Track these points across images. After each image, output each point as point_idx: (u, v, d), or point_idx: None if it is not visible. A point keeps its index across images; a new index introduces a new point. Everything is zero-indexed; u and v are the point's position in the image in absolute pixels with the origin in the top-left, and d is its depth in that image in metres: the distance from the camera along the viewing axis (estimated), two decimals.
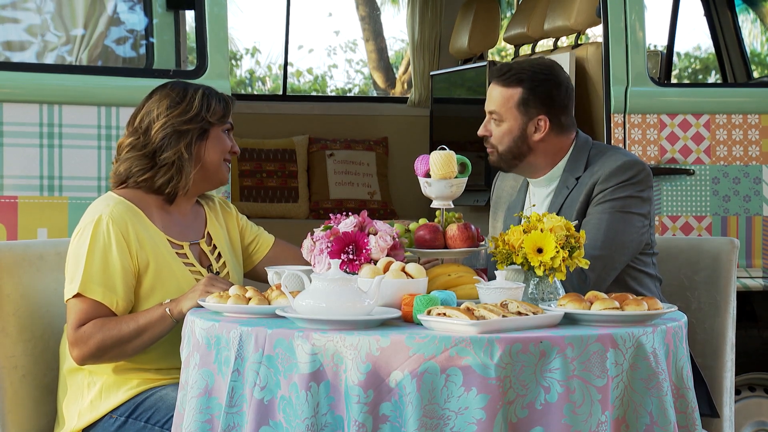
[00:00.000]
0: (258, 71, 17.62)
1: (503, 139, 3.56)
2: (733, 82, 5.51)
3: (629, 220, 3.47)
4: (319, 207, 6.44)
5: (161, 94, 3.34)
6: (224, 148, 3.37)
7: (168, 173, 3.29)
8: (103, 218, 3.21)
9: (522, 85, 3.54)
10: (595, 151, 3.59)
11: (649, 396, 2.72)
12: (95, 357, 3.17)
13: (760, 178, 4.47)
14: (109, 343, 3.15)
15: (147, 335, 3.16)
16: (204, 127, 3.32)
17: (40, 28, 4.30)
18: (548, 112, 3.54)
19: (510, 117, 3.54)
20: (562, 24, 5.12)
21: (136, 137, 3.31)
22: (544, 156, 3.58)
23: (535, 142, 3.55)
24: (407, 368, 2.58)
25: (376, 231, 3.08)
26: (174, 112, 3.30)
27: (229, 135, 3.40)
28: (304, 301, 2.75)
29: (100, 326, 3.15)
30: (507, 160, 3.58)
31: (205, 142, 3.33)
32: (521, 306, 2.77)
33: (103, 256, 3.19)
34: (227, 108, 3.38)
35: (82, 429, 3.25)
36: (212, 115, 3.33)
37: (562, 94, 3.58)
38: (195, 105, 3.32)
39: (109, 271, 3.18)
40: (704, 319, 3.74)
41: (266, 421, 2.67)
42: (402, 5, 16.11)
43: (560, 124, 3.57)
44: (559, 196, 3.55)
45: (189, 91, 3.34)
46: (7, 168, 3.92)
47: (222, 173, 3.39)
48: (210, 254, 3.40)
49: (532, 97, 3.53)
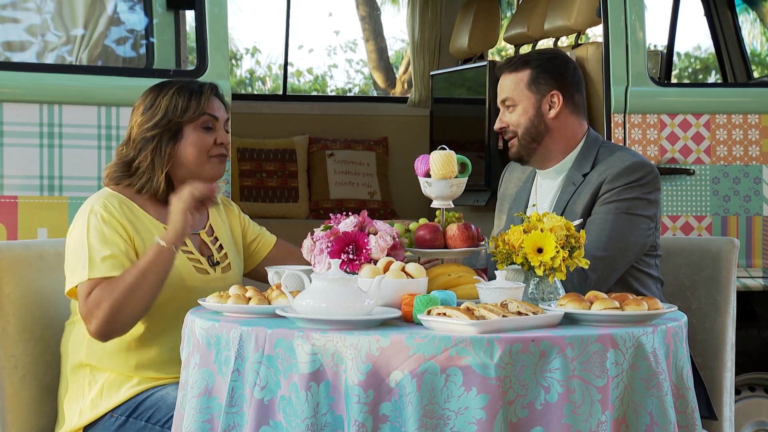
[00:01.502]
0: (258, 71, 17.62)
1: (520, 122, 3.57)
2: (734, 82, 5.51)
3: (634, 222, 3.46)
4: (320, 207, 6.45)
5: (139, 101, 3.37)
6: (202, 145, 3.34)
7: (142, 177, 3.31)
8: (96, 208, 3.24)
9: (530, 66, 3.58)
10: (605, 149, 3.59)
11: (649, 396, 2.72)
12: (112, 321, 3.13)
13: (760, 178, 4.47)
14: (119, 298, 3.12)
15: (152, 275, 3.13)
16: (173, 128, 3.31)
17: (41, 28, 4.30)
18: (560, 87, 3.57)
19: (523, 98, 3.57)
20: (562, 24, 5.12)
21: (123, 146, 3.36)
22: (560, 138, 3.58)
23: (551, 120, 3.56)
24: (407, 368, 2.58)
25: (376, 231, 3.09)
26: (143, 119, 3.32)
27: (213, 128, 3.36)
28: (304, 300, 2.75)
29: (105, 288, 3.14)
30: (526, 145, 3.58)
31: (179, 143, 3.32)
32: (521, 306, 2.77)
33: (101, 239, 3.19)
34: (200, 104, 3.33)
35: (83, 427, 3.25)
36: (181, 114, 3.32)
37: (571, 71, 3.62)
38: (161, 108, 3.31)
39: (109, 248, 3.18)
40: (704, 319, 3.74)
41: (266, 421, 2.67)
42: (402, 5, 16.12)
43: (573, 102, 3.59)
44: (565, 192, 3.56)
45: (161, 93, 3.34)
46: (7, 168, 3.92)
47: (209, 169, 3.35)
48: (211, 244, 3.40)
49: (541, 74, 3.56)
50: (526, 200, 3.69)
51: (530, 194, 3.69)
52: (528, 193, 3.69)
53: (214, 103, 3.37)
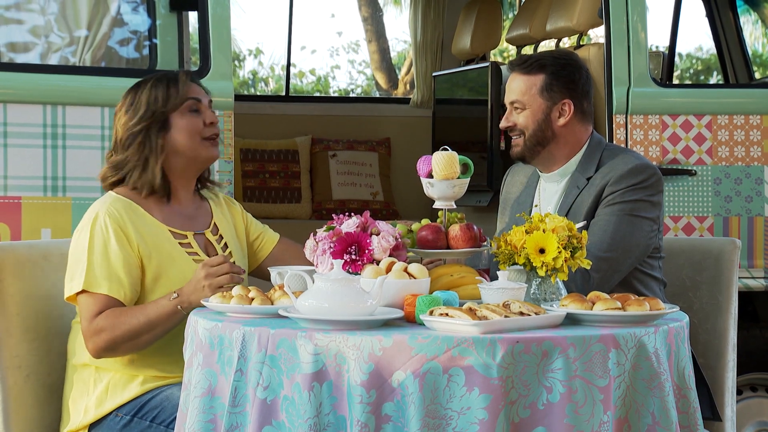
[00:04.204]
0: (261, 72, 17.62)
1: (528, 124, 3.56)
2: (735, 83, 5.51)
3: (637, 224, 3.46)
4: (322, 207, 6.45)
5: (119, 104, 3.38)
6: (193, 128, 3.35)
7: (133, 173, 3.32)
8: (100, 215, 3.24)
9: (544, 71, 3.55)
10: (608, 152, 3.58)
11: (651, 396, 2.72)
12: (109, 350, 3.19)
13: (761, 179, 4.47)
14: (121, 337, 3.16)
15: (159, 329, 3.17)
16: (159, 118, 3.32)
17: (44, 29, 4.31)
18: (572, 96, 3.56)
19: (534, 103, 3.55)
20: (564, 25, 5.12)
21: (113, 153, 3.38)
22: (565, 145, 3.58)
23: (559, 127, 3.55)
24: (410, 368, 2.58)
25: (379, 231, 3.09)
26: (126, 118, 3.33)
27: (199, 111, 3.36)
28: (307, 301, 2.75)
29: (111, 320, 3.16)
30: (531, 147, 3.57)
31: (169, 132, 3.33)
32: (523, 306, 2.77)
33: (104, 250, 3.21)
34: (179, 90, 3.34)
35: (89, 425, 3.26)
36: (164, 104, 3.33)
37: (584, 79, 3.60)
38: (142, 103, 3.32)
39: (111, 264, 3.20)
40: (706, 320, 3.74)
41: (269, 421, 2.67)
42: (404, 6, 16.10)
43: (583, 110, 3.59)
44: (569, 196, 3.55)
45: (138, 90, 3.35)
46: (10, 168, 3.93)
47: (203, 151, 3.36)
48: (216, 243, 3.41)
49: (555, 81, 3.54)
50: (530, 203, 3.69)
51: (534, 197, 3.69)
52: (532, 197, 3.69)
53: (193, 87, 3.38)
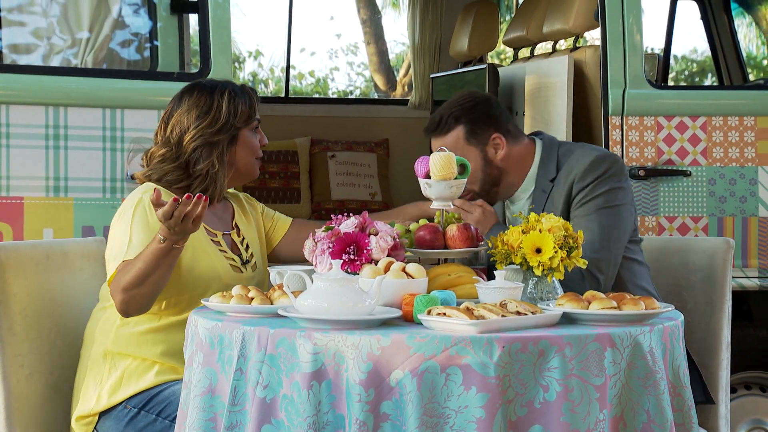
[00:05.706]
0: (260, 74, 17.60)
1: (474, 179, 3.56)
2: (730, 85, 5.52)
3: (617, 213, 3.47)
4: (321, 208, 6.46)
5: (189, 102, 3.38)
6: (254, 147, 3.44)
7: (204, 183, 3.36)
8: (144, 198, 3.28)
9: (460, 121, 3.56)
10: (564, 149, 3.59)
11: (647, 394, 2.73)
12: (126, 302, 3.15)
13: (756, 180, 4.48)
14: (130, 284, 3.12)
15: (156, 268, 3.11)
16: (233, 133, 3.38)
17: (46, 31, 4.31)
18: (496, 127, 3.55)
19: (468, 154, 3.54)
20: (560, 27, 5.13)
21: (168, 149, 3.37)
22: (515, 170, 3.58)
23: (501, 161, 3.56)
24: (408, 367, 2.59)
25: (377, 231, 3.10)
26: (203, 123, 3.35)
27: (257, 130, 3.45)
28: (306, 301, 2.76)
29: (121, 273, 3.16)
30: (486, 192, 3.58)
31: (236, 147, 3.40)
32: (520, 305, 2.78)
33: (146, 228, 3.23)
34: (253, 106, 3.42)
35: (98, 413, 3.28)
36: (239, 119, 3.39)
37: (495, 105, 3.59)
38: (222, 113, 3.36)
39: (151, 234, 3.20)
40: (700, 318, 3.75)
41: (268, 420, 2.68)
42: (403, 9, 16.10)
43: (511, 132, 3.58)
44: (538, 202, 3.55)
45: (215, 97, 3.38)
46: (13, 169, 3.93)
47: (254, 170, 3.46)
48: (240, 245, 3.46)
49: (474, 124, 3.54)
50: (503, 218, 3.71)
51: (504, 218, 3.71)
52: (503, 214, 3.71)
53: (258, 107, 3.46)
